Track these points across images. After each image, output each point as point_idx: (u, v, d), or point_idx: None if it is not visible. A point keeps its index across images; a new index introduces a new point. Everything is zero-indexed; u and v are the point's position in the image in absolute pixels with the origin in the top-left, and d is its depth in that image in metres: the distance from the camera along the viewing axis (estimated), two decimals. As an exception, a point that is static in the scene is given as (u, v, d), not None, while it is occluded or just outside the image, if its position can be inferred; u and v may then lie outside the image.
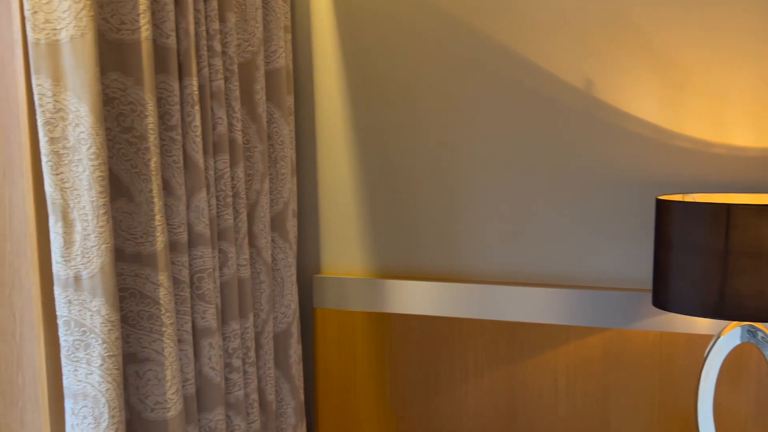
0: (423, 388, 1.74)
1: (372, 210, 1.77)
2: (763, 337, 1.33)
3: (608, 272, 1.61)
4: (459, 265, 1.72)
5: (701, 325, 1.52)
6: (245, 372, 1.48)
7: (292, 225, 1.64)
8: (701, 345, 1.54)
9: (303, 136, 1.81)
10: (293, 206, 1.68)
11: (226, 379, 1.42)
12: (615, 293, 1.57)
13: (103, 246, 1.10)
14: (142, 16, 1.14)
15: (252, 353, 1.49)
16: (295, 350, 1.66)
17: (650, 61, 1.55)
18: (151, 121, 1.17)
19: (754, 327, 1.33)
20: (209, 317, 1.33)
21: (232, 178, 1.43)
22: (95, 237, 1.09)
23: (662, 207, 1.34)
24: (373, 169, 1.76)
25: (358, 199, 1.78)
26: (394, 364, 1.76)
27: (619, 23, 1.56)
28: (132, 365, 1.22)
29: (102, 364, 1.11)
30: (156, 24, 1.21)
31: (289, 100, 1.66)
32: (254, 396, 1.49)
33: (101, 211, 1.09)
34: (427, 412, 1.74)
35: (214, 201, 1.36)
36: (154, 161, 1.18)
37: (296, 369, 1.67)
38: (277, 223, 1.60)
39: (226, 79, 1.41)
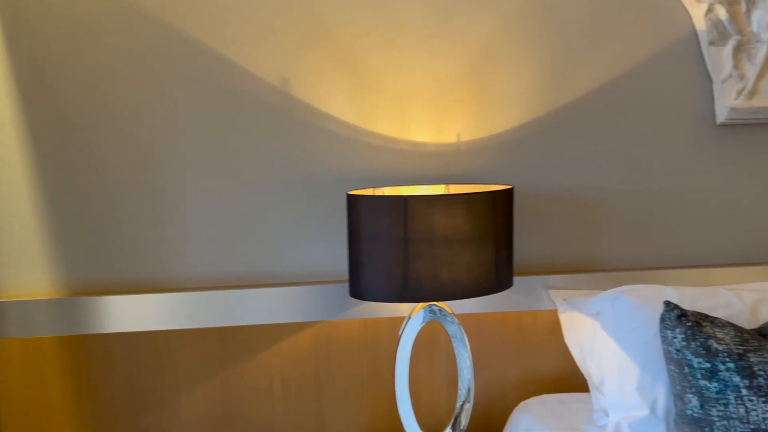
0: (130, 410, 1.59)
1: (58, 220, 1.56)
2: (441, 313, 1.47)
3: (314, 267, 1.65)
4: (164, 273, 1.60)
5: (399, 308, 1.64)
6: None
7: (-55, 243, 1.36)
8: (400, 327, 1.65)
9: (-40, 136, 1.52)
10: (-53, 221, 1.40)
11: None
12: (321, 287, 1.61)
13: None
14: None
15: None
16: (-40, 392, 1.39)
17: (342, 62, 1.61)
18: None
19: (435, 306, 1.46)
20: None
21: None
22: None
23: (352, 201, 1.40)
24: (57, 173, 1.55)
25: (39, 208, 1.56)
26: (95, 389, 1.58)
27: (312, 25, 1.59)
28: None
29: None
30: None
31: (-67, 94, 1.38)
32: None
33: None
34: (136, 435, 1.60)
35: None
36: None
37: (-36, 414, 1.40)
38: None
39: None
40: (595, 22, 1.68)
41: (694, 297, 1.51)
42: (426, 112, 1.66)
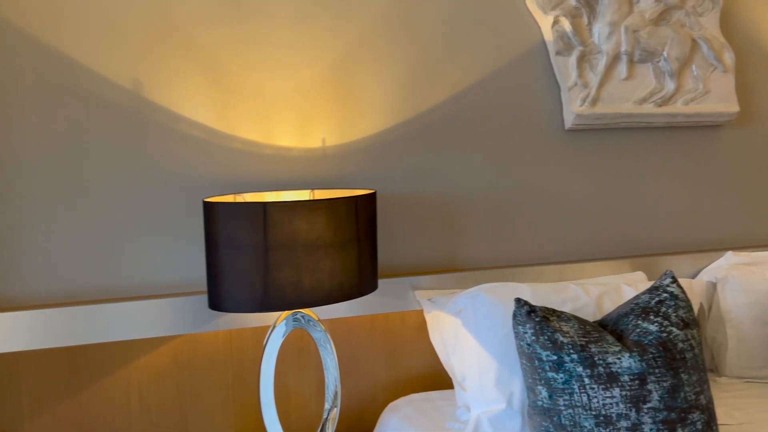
0: (-37, 445, 1.44)
1: None
2: (306, 319, 1.45)
3: (172, 278, 1.57)
4: (2, 290, 1.46)
5: (264, 318, 1.60)
6: None
7: None
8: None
9: None
10: None
11: None
12: (180, 299, 1.53)
13: None
14: None
15: None
16: None
17: (199, 64, 1.55)
18: None
19: (299, 313, 1.44)
20: None
21: None
22: None
23: (208, 209, 1.35)
24: None
25: None
26: None
27: (166, 25, 1.52)
28: None
29: None
30: None
31: None
32: None
33: None
34: (-28, 471, 1.45)
35: None
36: None
37: None
38: None
39: None
40: (454, 30, 1.74)
41: (546, 293, 1.60)
42: (290, 115, 1.63)
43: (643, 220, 1.98)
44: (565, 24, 1.77)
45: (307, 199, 1.55)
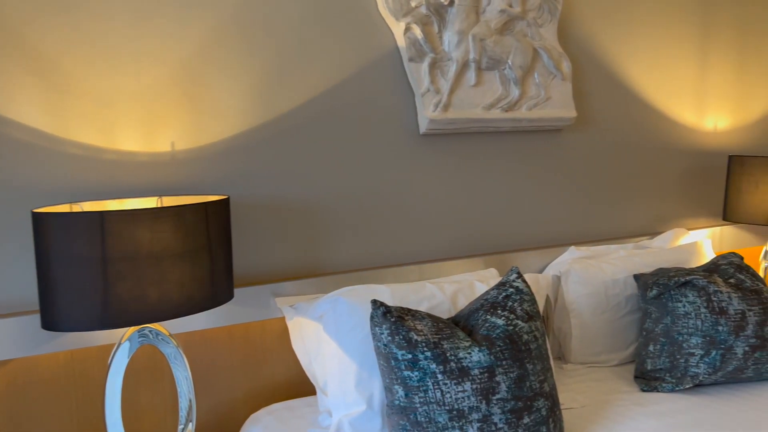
0: None
1: None
2: (154, 334, 1.37)
3: (4, 297, 1.42)
4: None
5: (111, 335, 1.49)
6: None
7: None
8: (114, 354, 1.51)
9: None
10: None
11: None
12: (11, 320, 1.39)
13: None
14: None
15: None
16: None
17: (26, 61, 1.41)
18: None
19: (147, 328, 1.36)
20: None
21: None
22: None
23: (38, 220, 1.23)
24: None
25: None
26: None
27: (-16, 16, 1.37)
28: None
29: None
30: None
31: None
32: None
33: None
34: None
35: None
36: None
37: None
38: None
39: None
40: (308, 33, 1.73)
41: (404, 293, 1.63)
42: (135, 118, 1.54)
43: (495, 219, 2.08)
44: (417, 31, 1.82)
45: (153, 206, 1.47)
